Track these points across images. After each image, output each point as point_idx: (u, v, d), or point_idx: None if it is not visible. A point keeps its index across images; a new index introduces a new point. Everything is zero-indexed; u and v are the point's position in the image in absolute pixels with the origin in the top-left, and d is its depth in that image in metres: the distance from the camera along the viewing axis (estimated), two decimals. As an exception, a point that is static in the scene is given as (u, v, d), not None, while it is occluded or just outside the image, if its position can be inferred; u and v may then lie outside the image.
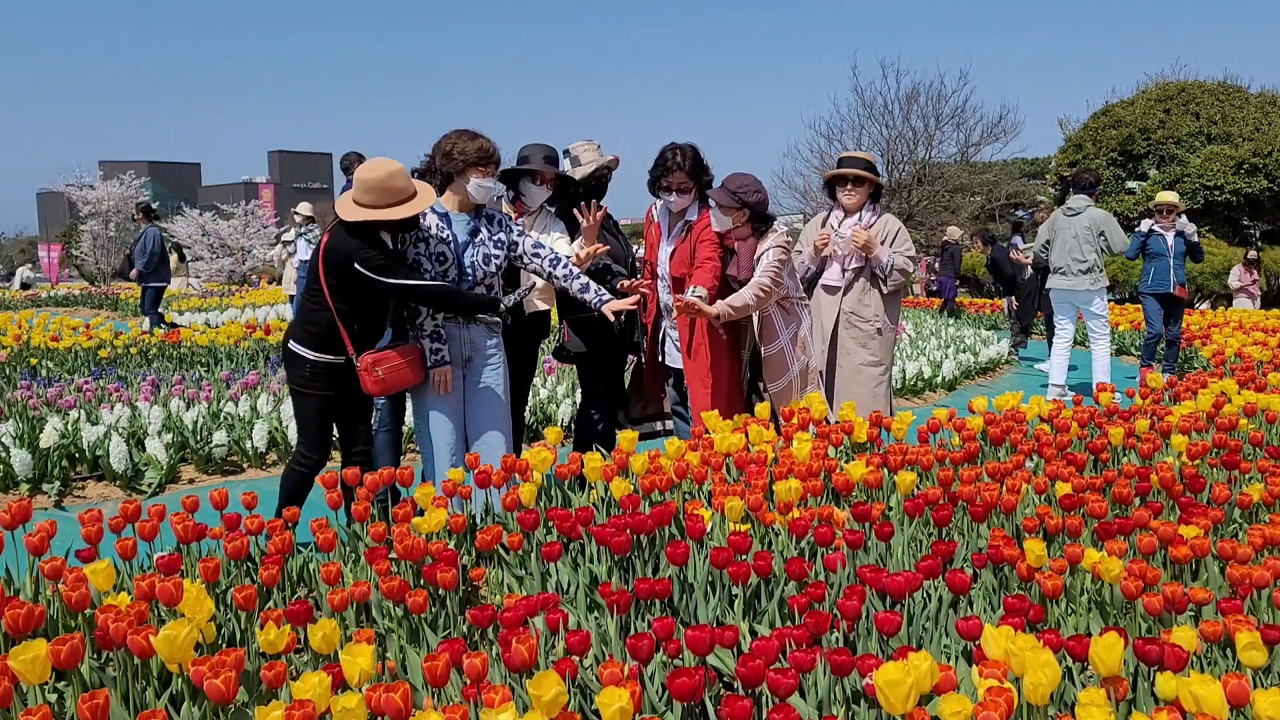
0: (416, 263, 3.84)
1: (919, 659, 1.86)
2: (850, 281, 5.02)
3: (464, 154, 3.83)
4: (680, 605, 2.70)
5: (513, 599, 2.44)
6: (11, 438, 5.49)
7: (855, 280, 5.01)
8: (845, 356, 4.99)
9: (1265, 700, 1.81)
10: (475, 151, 3.83)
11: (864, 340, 4.97)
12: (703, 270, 4.42)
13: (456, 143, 3.86)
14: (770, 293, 4.41)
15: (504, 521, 3.39)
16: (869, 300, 4.98)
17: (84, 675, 2.33)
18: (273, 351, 9.44)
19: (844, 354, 4.99)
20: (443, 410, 3.91)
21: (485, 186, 3.90)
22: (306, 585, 3.09)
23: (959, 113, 26.55)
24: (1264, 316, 12.19)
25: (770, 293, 4.41)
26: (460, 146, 3.84)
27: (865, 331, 4.97)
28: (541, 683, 1.82)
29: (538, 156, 4.35)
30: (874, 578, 2.47)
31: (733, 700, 1.86)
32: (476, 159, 3.83)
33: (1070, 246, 8.10)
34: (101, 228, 28.97)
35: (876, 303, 4.98)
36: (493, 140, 3.94)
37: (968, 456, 3.81)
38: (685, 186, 4.47)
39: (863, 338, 4.97)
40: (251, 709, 2.20)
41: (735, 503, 3.01)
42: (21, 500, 3.03)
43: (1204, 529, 2.87)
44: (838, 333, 5.01)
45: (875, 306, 4.98)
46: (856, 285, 5.00)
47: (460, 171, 3.86)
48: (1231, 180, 21.14)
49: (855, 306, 4.99)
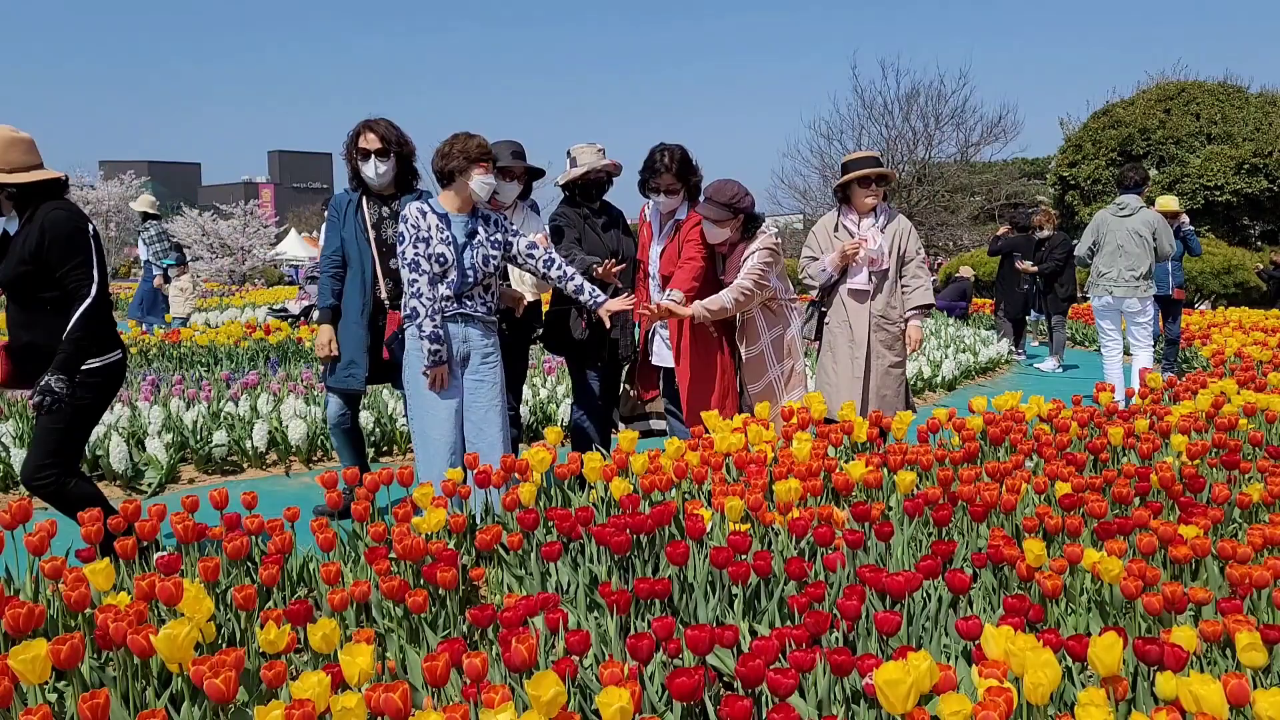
0: (415, 264, 3.86)
1: (918, 659, 1.86)
2: (878, 286, 5.00)
3: (465, 151, 3.89)
4: (680, 605, 2.70)
5: (512, 599, 2.44)
6: (11, 438, 5.49)
7: (882, 284, 5.00)
8: (877, 360, 4.99)
9: (1265, 700, 1.81)
10: (476, 148, 3.91)
11: (891, 342, 5.00)
12: (682, 271, 4.44)
13: (455, 142, 3.93)
14: (752, 295, 4.41)
15: (504, 521, 3.39)
16: (895, 303, 5.01)
17: (84, 675, 2.33)
18: (273, 351, 9.45)
19: (876, 357, 4.99)
20: (440, 410, 3.92)
21: (487, 183, 3.95)
22: (306, 585, 3.09)
23: (959, 113, 26.63)
24: (1264, 316, 12.19)
25: (752, 295, 4.41)
26: (460, 144, 3.91)
27: (892, 334, 5.00)
28: (541, 682, 1.82)
29: (505, 153, 4.45)
30: (874, 578, 2.47)
31: (732, 700, 1.86)
32: (478, 155, 3.90)
33: (1124, 250, 7.37)
34: (101, 228, 29.00)
35: (901, 305, 5.01)
36: None
37: (967, 456, 3.82)
38: (673, 188, 4.49)
39: (890, 340, 5.00)
40: (251, 708, 2.20)
41: (735, 502, 3.01)
42: (22, 500, 3.03)
43: (1204, 529, 2.87)
44: (869, 337, 5.00)
45: (901, 309, 5.01)
46: (884, 289, 4.99)
47: (463, 170, 3.90)
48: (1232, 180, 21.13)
49: (884, 309, 5.00)
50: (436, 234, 3.88)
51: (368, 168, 4.35)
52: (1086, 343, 13.17)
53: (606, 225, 4.72)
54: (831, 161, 26.90)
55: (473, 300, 3.97)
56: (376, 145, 4.33)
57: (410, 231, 3.88)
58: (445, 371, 3.91)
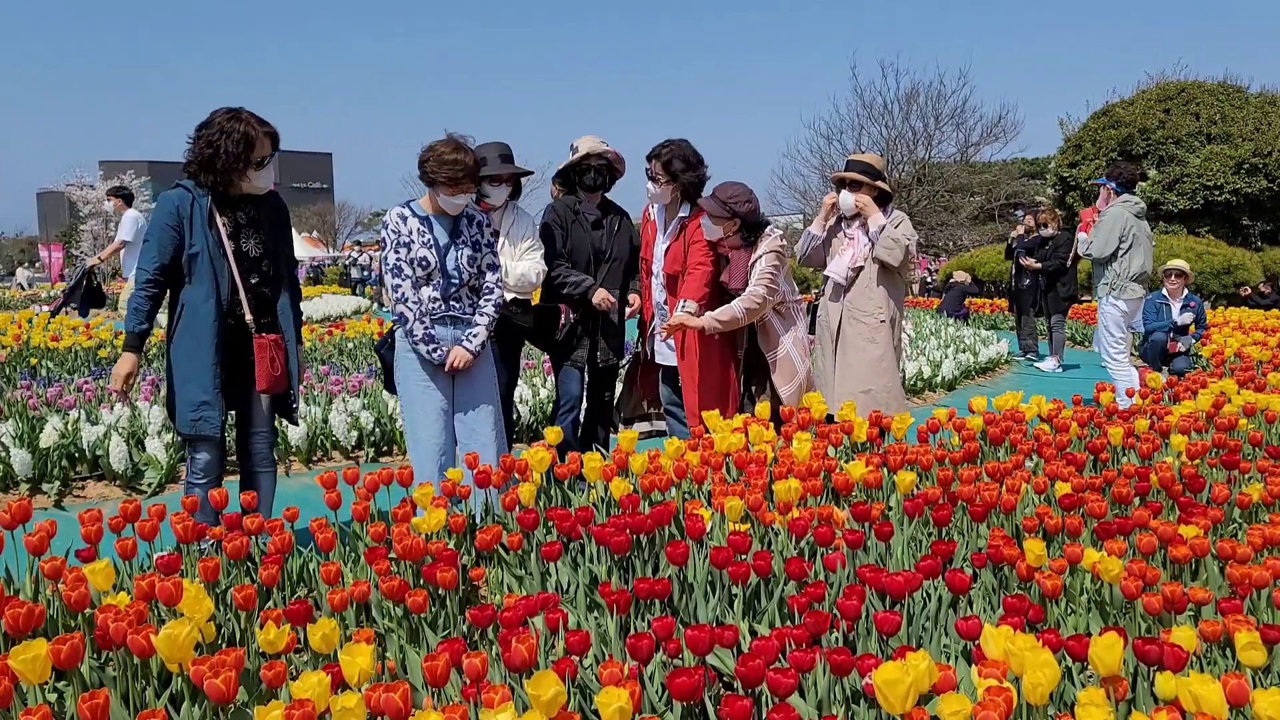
0: (398, 269, 3.85)
1: (918, 659, 1.86)
2: (851, 280, 5.02)
3: (435, 173, 3.82)
4: (680, 605, 2.71)
5: (512, 599, 2.44)
6: (11, 437, 5.49)
7: (856, 278, 5.02)
8: (857, 353, 4.98)
9: (1265, 700, 1.81)
10: (446, 174, 3.80)
11: (870, 335, 4.98)
12: (692, 279, 4.47)
13: (431, 157, 3.83)
14: (764, 303, 4.45)
15: (504, 521, 3.39)
16: (872, 294, 5.00)
17: (84, 675, 2.33)
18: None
19: (854, 350, 4.98)
20: (428, 412, 3.93)
21: (456, 203, 3.91)
22: (306, 585, 3.09)
23: (958, 113, 26.62)
24: (1264, 316, 12.18)
25: (764, 303, 4.45)
26: (435, 162, 3.81)
27: (869, 325, 4.98)
28: (541, 682, 1.82)
29: (494, 157, 4.40)
30: (874, 577, 2.47)
31: (732, 700, 1.86)
32: (446, 180, 3.81)
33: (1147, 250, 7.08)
34: (101, 228, 29.00)
35: (880, 295, 4.99)
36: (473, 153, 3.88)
37: (967, 456, 3.82)
38: (656, 176, 4.53)
39: (868, 332, 4.97)
40: (251, 708, 2.20)
41: (735, 502, 3.01)
42: (21, 500, 3.03)
43: (1203, 529, 2.87)
44: (842, 329, 5.02)
45: (878, 299, 4.99)
46: (860, 282, 5.01)
47: (433, 184, 3.87)
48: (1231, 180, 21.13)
49: (856, 300, 5.00)
50: (418, 238, 3.87)
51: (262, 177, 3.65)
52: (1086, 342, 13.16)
53: (596, 223, 4.69)
54: (831, 161, 26.91)
55: (459, 302, 3.97)
56: (268, 151, 3.64)
57: (391, 237, 3.89)
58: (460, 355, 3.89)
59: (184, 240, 3.55)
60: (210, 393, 3.57)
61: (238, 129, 3.49)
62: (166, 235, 3.53)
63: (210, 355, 3.55)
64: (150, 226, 3.61)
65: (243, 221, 3.67)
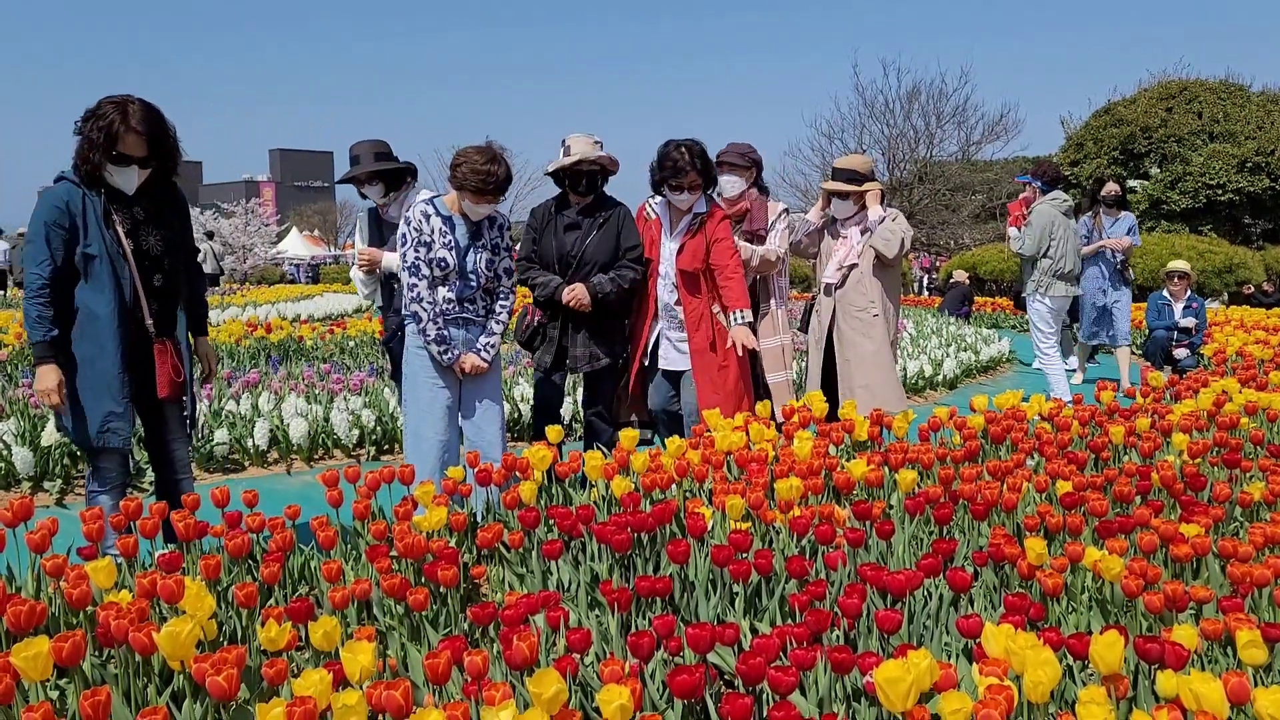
0: (415, 268, 3.85)
1: (919, 657, 1.86)
2: (844, 278, 5.11)
3: (464, 180, 3.82)
4: (681, 603, 2.71)
5: (514, 597, 2.44)
6: (13, 436, 5.49)
7: (849, 275, 5.12)
8: (852, 349, 5.03)
9: (1266, 698, 1.81)
10: (476, 184, 3.81)
11: (866, 330, 5.03)
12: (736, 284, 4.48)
13: (464, 162, 3.83)
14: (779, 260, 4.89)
15: (505, 519, 3.39)
16: (864, 289, 5.07)
17: (85, 672, 2.33)
18: (274, 350, 9.44)
19: (849, 346, 5.04)
20: (434, 408, 3.93)
21: (479, 211, 3.92)
22: (308, 583, 3.09)
23: (960, 111, 26.63)
24: (1265, 315, 12.17)
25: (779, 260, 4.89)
26: (465, 171, 3.82)
27: (863, 320, 5.03)
28: (542, 680, 1.82)
29: (368, 156, 4.46)
30: (875, 576, 2.47)
31: (733, 698, 1.86)
32: (474, 189, 3.83)
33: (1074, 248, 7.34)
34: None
35: (873, 290, 5.05)
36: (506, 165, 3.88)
37: (969, 455, 3.82)
38: (696, 184, 4.51)
39: (864, 327, 5.03)
40: (253, 706, 2.20)
41: (736, 501, 3.01)
42: (23, 498, 3.03)
43: (1205, 527, 2.87)
44: (836, 326, 5.08)
45: (871, 294, 5.05)
46: (853, 279, 5.09)
47: (460, 188, 3.87)
48: (1233, 179, 21.13)
49: (849, 295, 5.09)
50: (439, 238, 3.87)
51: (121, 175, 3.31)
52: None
53: (571, 226, 4.51)
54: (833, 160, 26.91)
55: (474, 304, 3.97)
56: (143, 153, 3.30)
57: (412, 234, 3.87)
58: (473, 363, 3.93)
59: (76, 239, 3.26)
60: (120, 403, 3.35)
61: (106, 116, 3.22)
62: (55, 235, 3.24)
63: (115, 363, 3.32)
64: (33, 226, 3.27)
65: (140, 217, 3.39)
